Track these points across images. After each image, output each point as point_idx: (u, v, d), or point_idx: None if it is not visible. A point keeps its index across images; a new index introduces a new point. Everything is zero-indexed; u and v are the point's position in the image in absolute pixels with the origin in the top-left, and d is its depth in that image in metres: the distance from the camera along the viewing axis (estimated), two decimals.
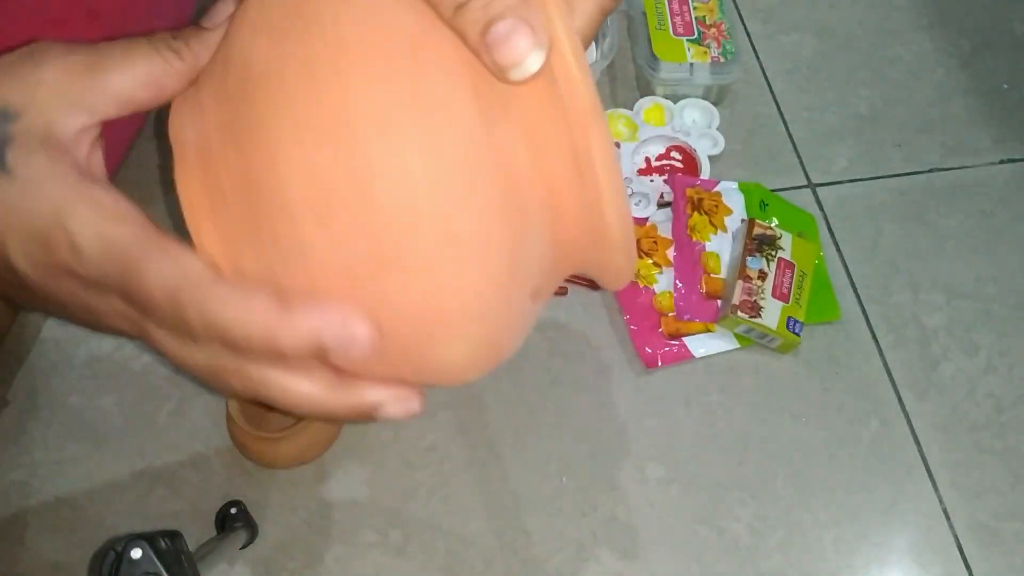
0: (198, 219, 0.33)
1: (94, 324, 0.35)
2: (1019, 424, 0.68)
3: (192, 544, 0.49)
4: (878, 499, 0.64)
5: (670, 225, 0.74)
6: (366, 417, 0.34)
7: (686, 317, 0.70)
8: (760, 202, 0.75)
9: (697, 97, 0.81)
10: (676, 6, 0.83)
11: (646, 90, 0.82)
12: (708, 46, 0.81)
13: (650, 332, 0.69)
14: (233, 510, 0.59)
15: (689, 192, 0.74)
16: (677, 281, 0.71)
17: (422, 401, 0.35)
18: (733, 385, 0.68)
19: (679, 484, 0.64)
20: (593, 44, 0.74)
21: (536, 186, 0.33)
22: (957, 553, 0.63)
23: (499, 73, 0.31)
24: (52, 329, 0.69)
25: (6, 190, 0.31)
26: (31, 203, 0.31)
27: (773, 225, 0.72)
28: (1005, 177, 0.81)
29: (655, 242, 0.73)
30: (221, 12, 0.35)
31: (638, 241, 0.72)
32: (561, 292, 0.71)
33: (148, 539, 0.45)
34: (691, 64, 0.80)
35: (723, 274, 0.71)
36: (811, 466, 0.65)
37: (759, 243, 0.70)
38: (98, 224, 0.31)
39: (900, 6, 0.92)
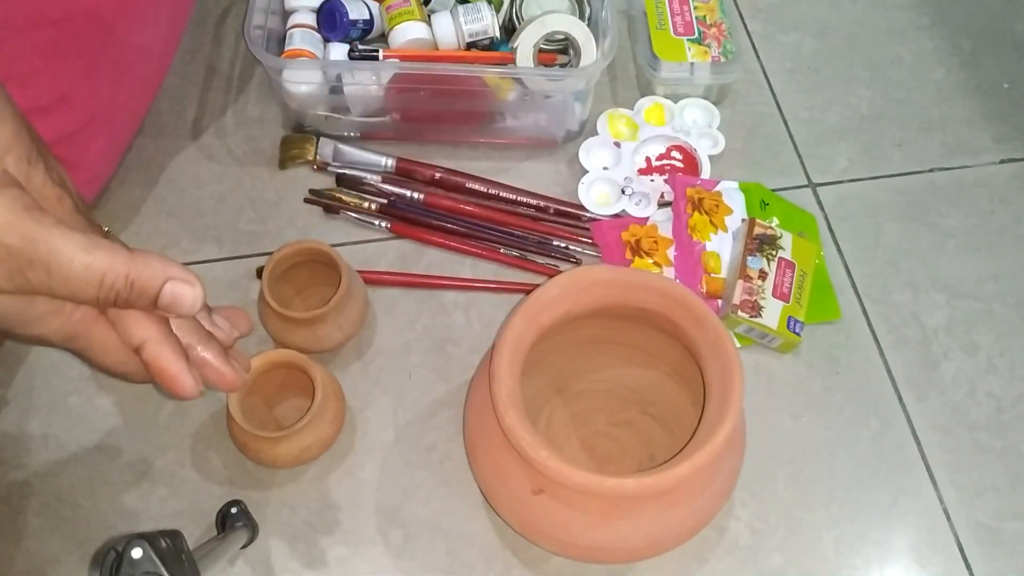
0: None
1: None
2: (1019, 424, 0.68)
3: (192, 543, 0.49)
4: (878, 499, 0.64)
5: (670, 225, 0.74)
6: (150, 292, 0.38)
7: None
8: (760, 202, 0.75)
9: (698, 97, 0.81)
10: (676, 6, 0.83)
11: (647, 90, 0.82)
12: (708, 46, 0.81)
13: None
14: (234, 510, 0.59)
15: (689, 192, 0.74)
16: (678, 281, 0.71)
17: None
18: None
19: None
20: (593, 44, 0.74)
21: None
22: (957, 553, 0.63)
23: None
24: None
25: None
26: None
27: (773, 225, 0.72)
28: (1005, 177, 0.81)
29: (655, 242, 0.73)
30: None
31: (638, 241, 0.73)
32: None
33: (148, 539, 0.45)
34: (691, 64, 0.80)
35: (723, 274, 0.71)
36: (811, 466, 0.65)
37: (759, 243, 0.70)
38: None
39: (900, 5, 0.92)
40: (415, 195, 0.74)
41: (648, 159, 0.78)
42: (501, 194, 0.75)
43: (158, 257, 0.39)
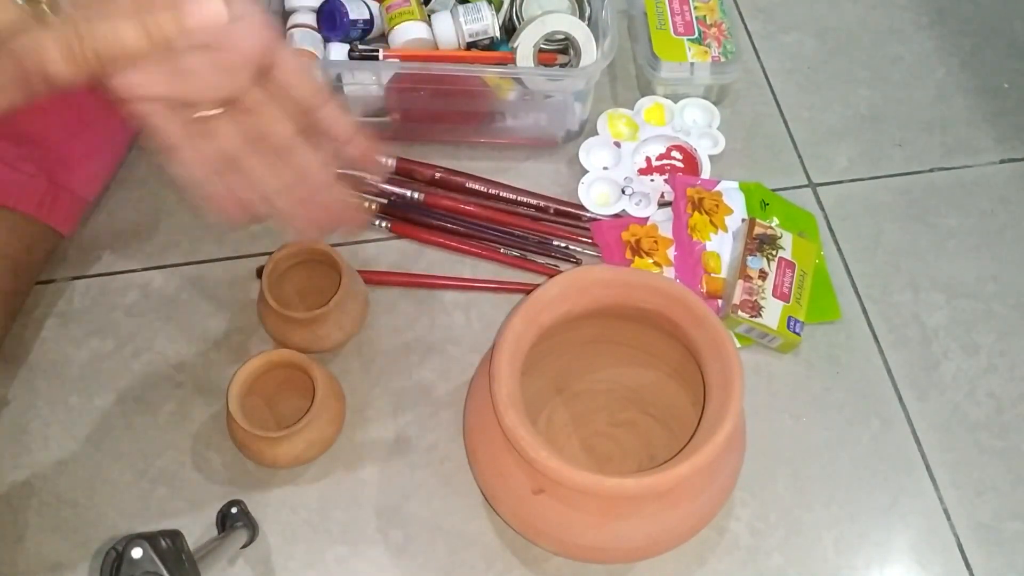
0: None
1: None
2: (1019, 424, 0.68)
3: (193, 543, 0.49)
4: (878, 499, 0.64)
5: (671, 225, 0.74)
6: None
7: None
8: (761, 201, 0.75)
9: (698, 96, 0.81)
10: (677, 6, 0.83)
11: (647, 89, 0.82)
12: (708, 46, 0.81)
13: None
14: (234, 509, 0.59)
15: (690, 192, 0.74)
16: (678, 281, 0.71)
17: None
18: None
19: None
20: (593, 44, 0.74)
21: None
22: (957, 553, 0.63)
23: None
24: (52, 329, 0.69)
25: None
26: None
27: (774, 225, 0.72)
28: (1006, 176, 0.81)
29: (655, 242, 0.73)
30: None
31: (638, 241, 0.73)
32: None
33: (149, 539, 0.45)
34: (692, 64, 0.80)
35: (724, 274, 0.71)
36: (811, 466, 0.65)
37: (760, 243, 0.70)
38: None
39: (901, 5, 0.92)
40: (415, 195, 0.74)
41: (648, 159, 0.78)
42: (501, 194, 0.75)
43: None
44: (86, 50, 0.35)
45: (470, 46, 0.76)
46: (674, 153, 0.79)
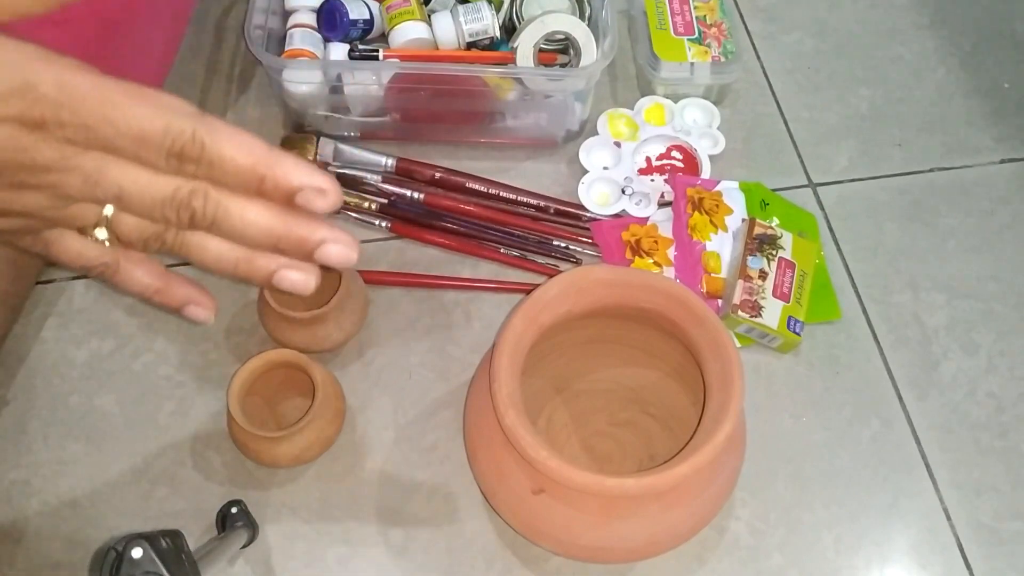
0: None
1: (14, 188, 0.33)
2: (1019, 424, 0.68)
3: (193, 543, 0.49)
4: (878, 499, 0.64)
5: (671, 225, 0.74)
6: (306, 252, 0.36)
7: None
8: (761, 201, 0.75)
9: (698, 96, 0.81)
10: (677, 5, 0.83)
11: (647, 89, 0.82)
12: (709, 45, 0.81)
13: None
14: (234, 509, 0.59)
15: (690, 192, 0.74)
16: (678, 281, 0.71)
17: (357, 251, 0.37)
18: None
19: None
20: (593, 44, 0.74)
21: None
22: (957, 553, 0.63)
23: None
24: (52, 329, 0.69)
25: None
26: None
27: (774, 224, 0.72)
28: (1006, 176, 0.81)
29: (656, 242, 0.73)
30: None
31: (638, 241, 0.73)
32: None
33: (149, 539, 0.45)
34: (692, 63, 0.80)
35: (724, 274, 0.71)
36: (811, 466, 0.65)
37: (760, 242, 0.70)
38: (61, 71, 0.33)
39: (901, 5, 0.92)
40: (415, 195, 0.74)
41: (648, 159, 0.78)
42: (501, 194, 0.75)
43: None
44: None
45: (470, 46, 0.76)
46: (674, 153, 0.79)
